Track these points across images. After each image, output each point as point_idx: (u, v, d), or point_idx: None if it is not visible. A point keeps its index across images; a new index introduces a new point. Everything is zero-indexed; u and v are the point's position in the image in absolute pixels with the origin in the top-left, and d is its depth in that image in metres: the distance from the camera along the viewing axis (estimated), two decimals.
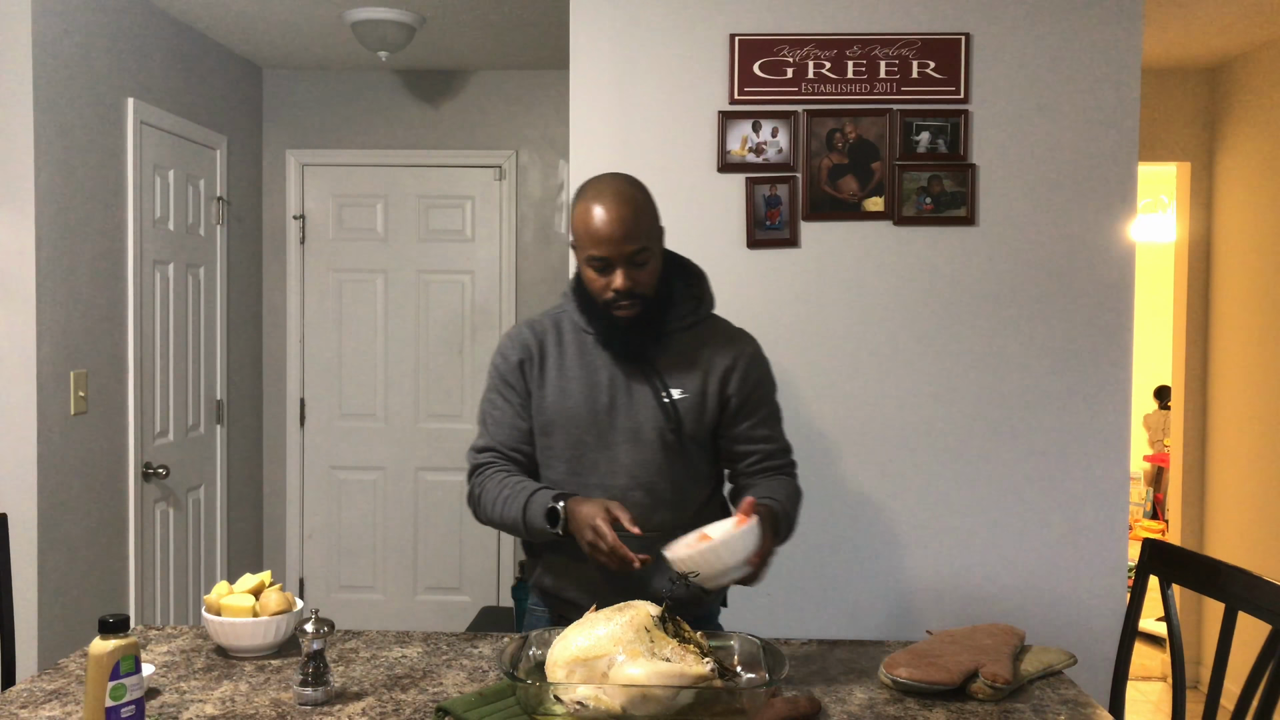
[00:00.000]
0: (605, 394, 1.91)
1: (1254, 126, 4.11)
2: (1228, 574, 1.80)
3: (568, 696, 1.43)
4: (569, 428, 1.92)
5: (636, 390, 1.91)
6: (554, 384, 1.93)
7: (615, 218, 1.81)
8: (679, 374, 1.92)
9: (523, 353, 1.96)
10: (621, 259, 1.82)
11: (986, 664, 1.65)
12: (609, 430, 1.91)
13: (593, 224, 1.82)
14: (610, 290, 1.84)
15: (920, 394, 2.89)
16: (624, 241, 1.81)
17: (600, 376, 1.92)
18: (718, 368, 1.94)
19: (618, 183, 1.87)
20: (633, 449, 1.90)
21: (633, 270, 1.83)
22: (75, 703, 1.57)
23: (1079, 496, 2.89)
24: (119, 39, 3.34)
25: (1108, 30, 2.85)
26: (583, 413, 1.91)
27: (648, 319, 1.88)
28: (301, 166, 4.54)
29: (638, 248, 1.82)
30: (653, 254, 1.86)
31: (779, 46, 2.86)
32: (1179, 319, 4.52)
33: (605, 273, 1.84)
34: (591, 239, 1.83)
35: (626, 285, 1.83)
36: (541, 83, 4.47)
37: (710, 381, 1.93)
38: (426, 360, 4.55)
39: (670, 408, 1.89)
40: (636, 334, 1.88)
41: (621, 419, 1.90)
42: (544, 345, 1.96)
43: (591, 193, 1.86)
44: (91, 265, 3.18)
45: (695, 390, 1.91)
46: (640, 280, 1.85)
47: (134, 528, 3.43)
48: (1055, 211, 2.87)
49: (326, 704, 1.57)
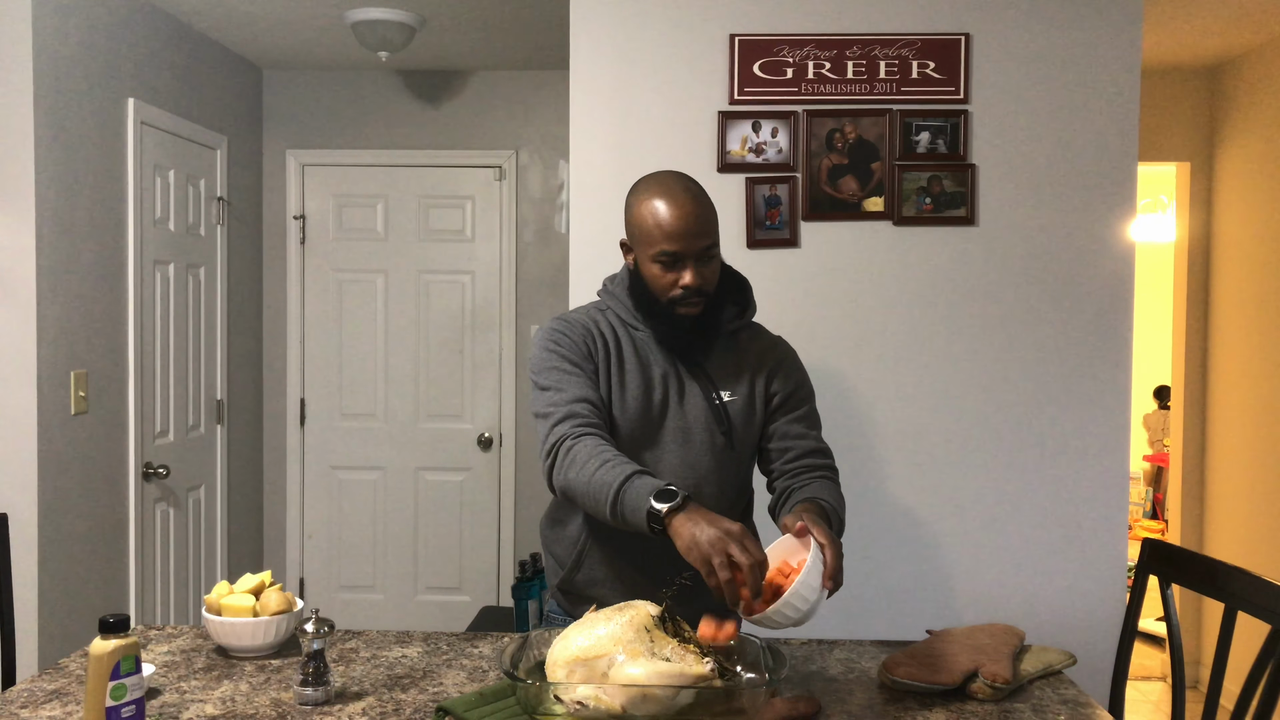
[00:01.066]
0: (659, 392, 1.88)
1: (1254, 126, 4.11)
2: (1227, 574, 1.80)
3: (568, 696, 1.44)
4: (623, 423, 1.87)
5: (689, 390, 1.89)
6: (616, 378, 1.88)
7: (689, 213, 1.79)
8: (727, 377, 1.91)
9: (584, 332, 1.88)
10: (693, 254, 1.80)
11: (986, 664, 1.65)
12: (658, 430, 1.88)
13: (663, 219, 1.79)
14: (679, 287, 1.81)
15: (920, 394, 2.89)
16: (698, 236, 1.79)
17: (653, 374, 1.89)
18: (763, 369, 1.93)
19: (684, 179, 1.85)
20: (681, 450, 1.88)
21: (701, 267, 1.81)
22: (75, 703, 1.57)
23: (1079, 496, 2.89)
24: (119, 39, 3.34)
25: (1108, 30, 2.85)
26: (634, 409, 1.86)
27: (708, 318, 1.87)
28: (301, 166, 4.54)
29: (710, 243, 1.81)
30: (719, 248, 1.86)
31: (779, 46, 2.86)
32: (1179, 319, 4.52)
33: (674, 268, 1.81)
34: (663, 234, 1.79)
35: (697, 282, 1.80)
36: (541, 83, 4.48)
37: (757, 383, 1.92)
38: (426, 360, 4.55)
39: (721, 409, 1.88)
40: (697, 333, 1.87)
41: (671, 419, 1.88)
42: (602, 332, 1.89)
43: (657, 189, 1.82)
44: (91, 265, 3.18)
45: (744, 394, 1.91)
46: (708, 277, 1.83)
47: (134, 528, 3.43)
48: (1055, 211, 2.87)
49: (326, 704, 1.57)
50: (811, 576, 1.52)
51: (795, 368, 1.98)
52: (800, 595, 1.51)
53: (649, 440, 1.88)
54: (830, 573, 1.55)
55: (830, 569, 1.55)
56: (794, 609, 1.51)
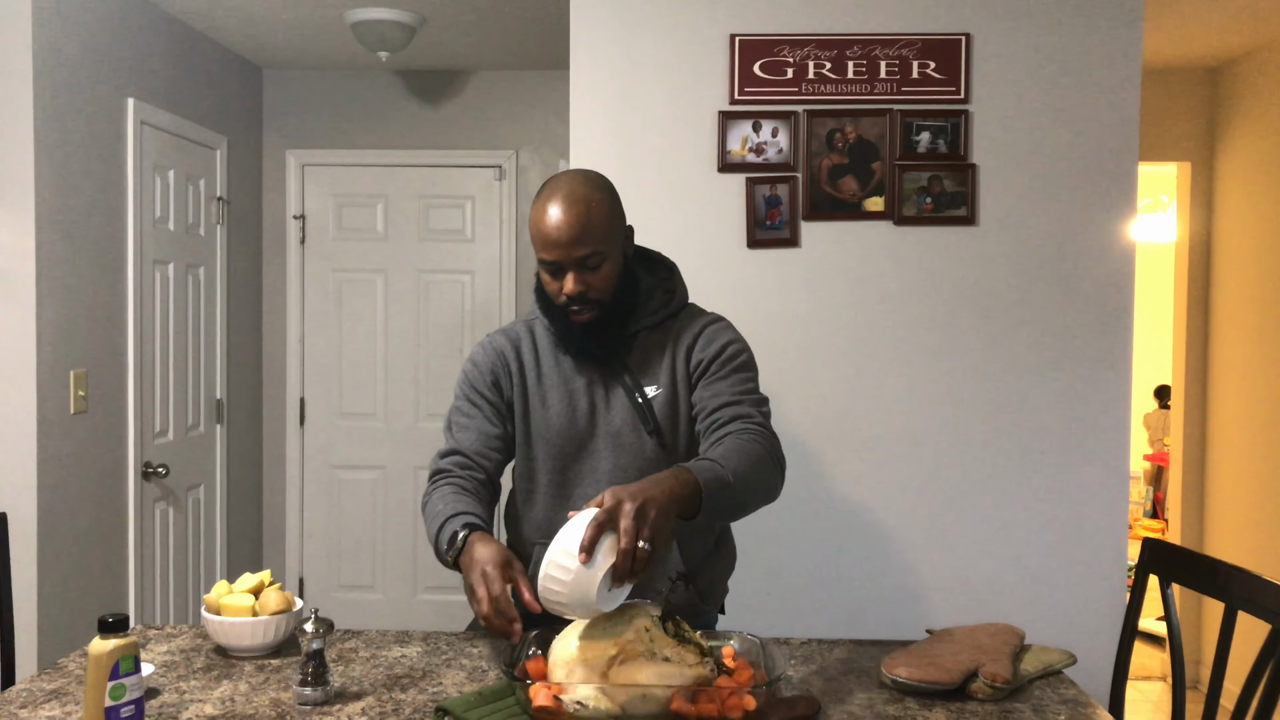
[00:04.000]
0: (584, 399, 1.84)
1: (1254, 126, 4.11)
2: (1228, 574, 1.80)
3: (568, 697, 1.43)
4: (550, 437, 1.85)
5: (612, 393, 1.84)
6: (534, 394, 1.86)
7: (564, 221, 1.72)
8: (651, 370, 1.85)
9: (496, 359, 1.88)
10: (571, 263, 1.74)
11: (986, 664, 1.65)
12: (590, 438, 1.85)
13: (542, 226, 1.74)
14: (562, 295, 1.77)
15: (920, 394, 2.89)
16: (572, 245, 1.73)
17: (576, 383, 1.85)
18: (681, 348, 1.85)
19: (573, 182, 1.77)
20: (614, 455, 1.83)
21: (584, 274, 1.75)
22: (75, 703, 1.57)
23: (1079, 496, 2.89)
24: (119, 39, 3.34)
25: (1108, 30, 2.85)
26: (563, 421, 1.84)
27: (606, 323, 1.80)
28: (301, 166, 4.54)
29: (588, 252, 1.73)
30: (608, 257, 1.77)
31: (779, 46, 2.86)
32: (1179, 319, 4.52)
33: (557, 276, 1.77)
34: (541, 242, 1.75)
35: (577, 290, 1.75)
36: (541, 83, 4.47)
37: (678, 366, 1.84)
38: (426, 360, 4.55)
39: (645, 407, 1.82)
40: (595, 338, 1.81)
41: (601, 425, 1.84)
42: (520, 353, 1.88)
43: (546, 192, 1.77)
44: (91, 265, 3.18)
45: (666, 382, 1.84)
46: (593, 284, 1.76)
47: (134, 527, 3.43)
48: (1055, 211, 2.87)
49: (326, 704, 1.57)
50: (560, 544, 1.38)
51: (716, 337, 1.86)
52: (552, 566, 1.37)
53: (582, 449, 1.85)
54: (624, 548, 1.39)
55: (622, 545, 1.39)
56: (549, 588, 1.39)
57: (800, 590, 2.90)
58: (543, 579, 1.41)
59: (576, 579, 1.38)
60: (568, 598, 1.40)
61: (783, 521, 2.87)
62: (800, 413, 2.90)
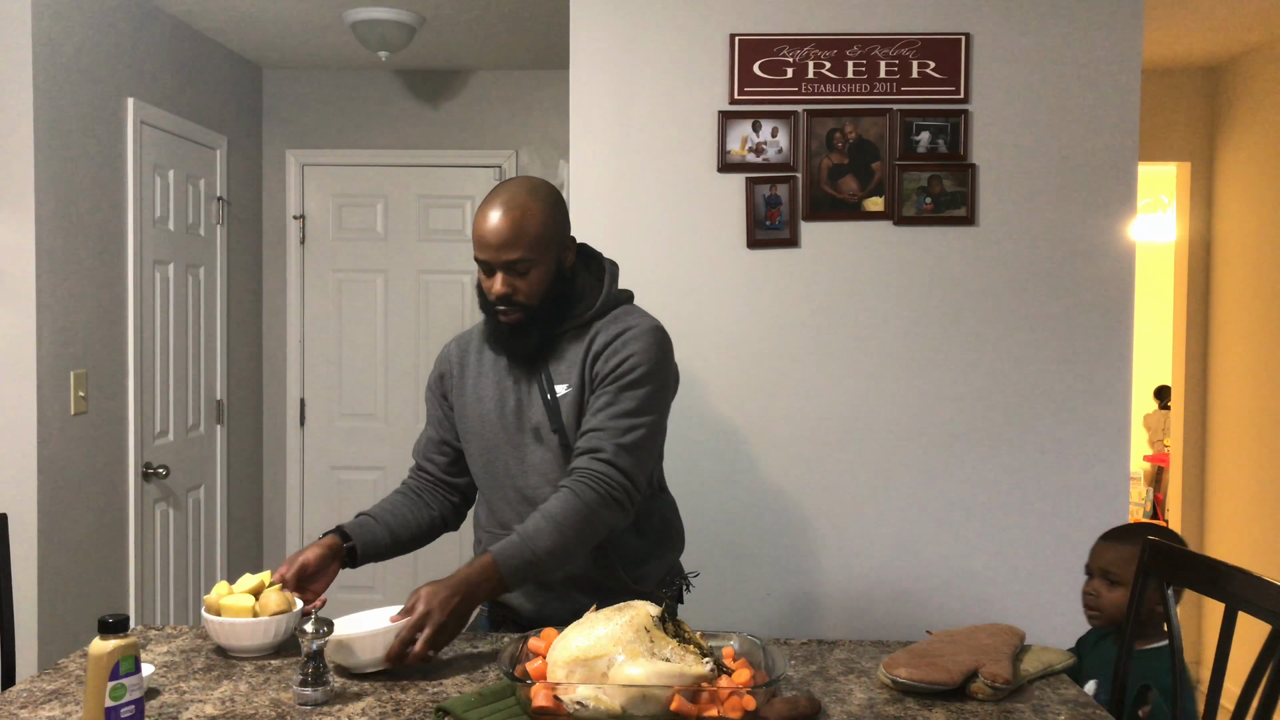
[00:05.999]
0: (512, 396, 1.93)
1: (1254, 126, 4.11)
2: (1228, 574, 1.80)
3: (568, 696, 1.43)
4: (483, 431, 1.95)
5: (533, 391, 1.92)
6: (472, 390, 1.97)
7: (498, 226, 1.81)
8: (564, 369, 1.90)
9: (443, 366, 2.04)
10: (500, 264, 1.83)
11: (986, 664, 1.65)
12: (517, 432, 1.92)
13: (478, 226, 1.84)
14: (491, 294, 1.86)
15: (920, 394, 2.89)
16: (500, 249, 1.81)
17: (507, 380, 1.94)
18: (593, 350, 1.88)
19: (515, 189, 1.86)
20: (539, 449, 1.91)
21: (512, 278, 1.84)
22: (75, 703, 1.57)
23: (1079, 496, 2.88)
24: (119, 39, 3.34)
25: (1108, 30, 2.85)
26: (493, 416, 1.94)
27: (532, 325, 1.87)
28: (301, 166, 4.54)
29: (516, 257, 1.82)
30: (537, 264, 1.83)
31: (779, 46, 2.86)
32: (1179, 319, 4.52)
33: (488, 275, 1.86)
34: (476, 241, 1.85)
35: (503, 291, 1.84)
36: (541, 83, 4.47)
37: (585, 369, 1.88)
38: (426, 360, 4.55)
39: (553, 405, 1.88)
40: (519, 338, 1.88)
41: (526, 420, 1.92)
42: (465, 356, 2.01)
43: (491, 195, 1.87)
44: (91, 265, 3.18)
45: (575, 383, 1.88)
46: (519, 289, 1.84)
47: (134, 528, 3.43)
48: (1055, 211, 2.87)
49: (326, 704, 1.57)
50: (366, 641, 1.66)
51: (622, 348, 1.86)
52: (346, 648, 1.66)
53: (510, 443, 1.93)
54: (391, 653, 1.66)
55: (391, 651, 1.66)
56: (342, 657, 1.67)
57: (800, 590, 2.90)
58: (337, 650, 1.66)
59: (358, 655, 1.66)
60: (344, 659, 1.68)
61: (782, 521, 2.87)
62: (800, 412, 2.90)
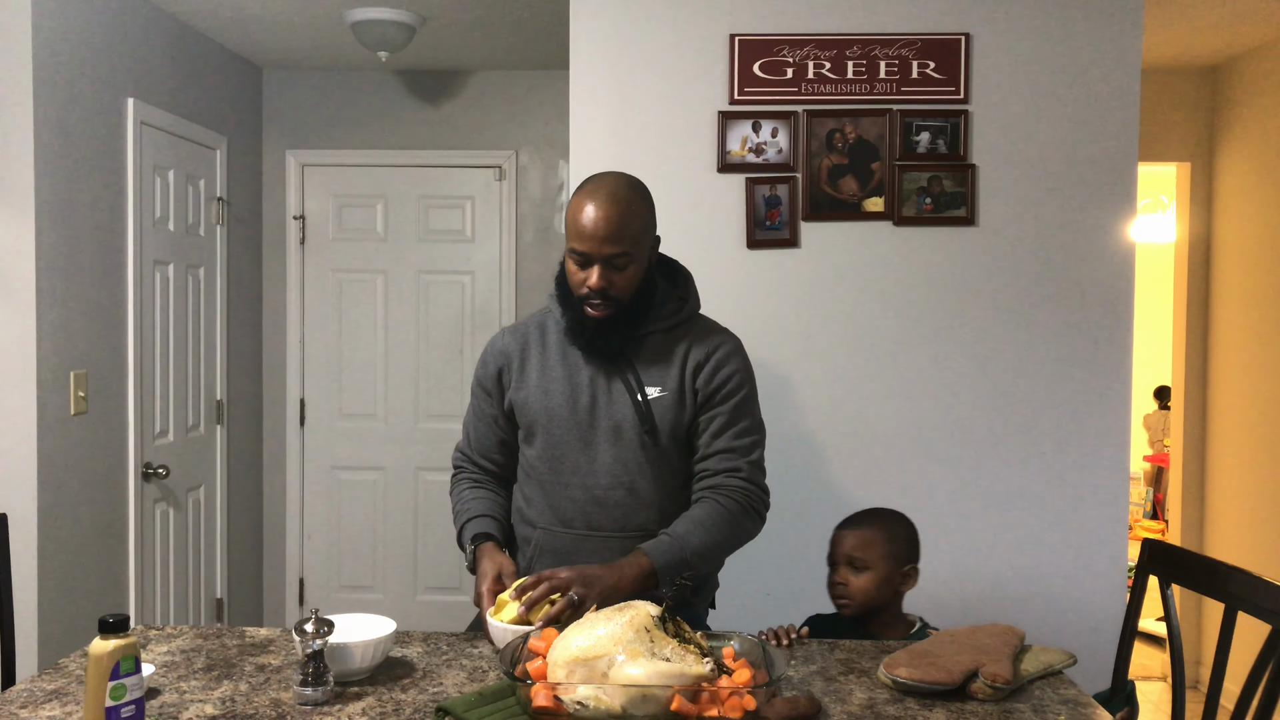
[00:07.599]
0: (586, 393, 1.91)
1: (1254, 126, 4.11)
2: (1227, 574, 1.80)
3: (568, 696, 1.43)
4: (550, 427, 1.92)
5: (615, 389, 1.90)
6: (535, 384, 1.94)
7: (601, 216, 1.81)
8: (656, 372, 1.91)
9: (501, 360, 1.99)
10: (600, 258, 1.82)
11: (986, 664, 1.65)
12: (590, 429, 1.91)
13: (579, 218, 1.83)
14: (585, 286, 1.85)
15: (920, 394, 2.89)
16: (605, 242, 1.81)
17: (582, 375, 1.92)
18: (691, 362, 1.92)
19: (616, 182, 1.86)
20: (613, 448, 1.90)
21: (610, 272, 1.84)
22: (75, 703, 1.57)
23: (1079, 496, 2.89)
24: (119, 39, 3.34)
25: (1108, 30, 2.85)
26: (564, 412, 1.91)
27: (619, 321, 1.87)
28: (301, 166, 4.54)
29: (618, 251, 1.82)
30: (635, 259, 1.85)
31: (779, 46, 2.86)
32: (1179, 319, 4.52)
33: (584, 268, 1.85)
34: (575, 232, 1.83)
35: (600, 285, 1.83)
36: (541, 83, 4.47)
37: (685, 377, 1.91)
38: (426, 360, 4.55)
39: (644, 406, 1.88)
40: (605, 334, 1.88)
41: (602, 418, 1.90)
42: (526, 348, 1.97)
43: (589, 187, 1.86)
44: (91, 265, 3.18)
45: (673, 388, 1.90)
46: (616, 283, 1.84)
47: (134, 528, 3.43)
48: (1055, 211, 2.87)
49: (326, 704, 1.57)
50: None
51: (728, 359, 1.94)
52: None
53: (582, 441, 1.91)
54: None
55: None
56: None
57: (800, 590, 2.90)
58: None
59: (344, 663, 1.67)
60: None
61: (783, 521, 2.86)
62: (800, 413, 2.90)
